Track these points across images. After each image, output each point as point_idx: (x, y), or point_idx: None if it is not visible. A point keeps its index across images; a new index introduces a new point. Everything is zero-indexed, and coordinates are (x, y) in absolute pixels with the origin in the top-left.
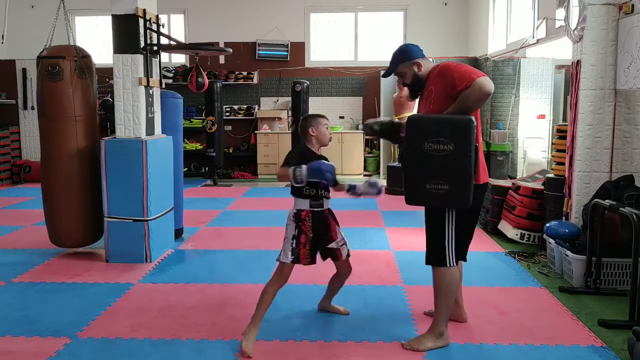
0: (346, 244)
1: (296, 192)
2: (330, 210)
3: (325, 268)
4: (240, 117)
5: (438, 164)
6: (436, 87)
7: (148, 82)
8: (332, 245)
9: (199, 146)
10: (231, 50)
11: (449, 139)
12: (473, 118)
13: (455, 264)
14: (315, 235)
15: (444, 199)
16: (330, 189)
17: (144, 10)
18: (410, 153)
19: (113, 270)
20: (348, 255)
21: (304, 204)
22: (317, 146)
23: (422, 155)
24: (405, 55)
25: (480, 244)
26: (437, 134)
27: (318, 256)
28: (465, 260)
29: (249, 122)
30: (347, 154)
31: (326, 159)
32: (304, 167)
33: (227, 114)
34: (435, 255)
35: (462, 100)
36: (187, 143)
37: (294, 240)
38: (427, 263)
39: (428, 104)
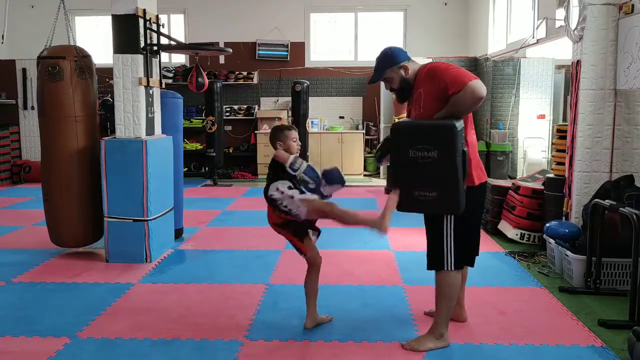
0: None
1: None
2: None
3: (324, 269)
4: (240, 117)
5: (424, 171)
6: (425, 90)
7: (148, 82)
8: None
9: (199, 146)
10: (231, 50)
11: (433, 146)
12: (457, 123)
13: (454, 268)
14: None
15: (433, 206)
16: None
17: (144, 10)
18: (397, 160)
19: (113, 270)
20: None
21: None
22: None
23: (408, 162)
24: (390, 60)
25: (481, 244)
26: (421, 141)
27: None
28: (472, 265)
29: (249, 122)
30: (347, 154)
31: None
32: (305, 162)
33: (227, 114)
34: (434, 259)
35: (454, 105)
36: (187, 143)
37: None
38: (428, 268)
39: (418, 108)
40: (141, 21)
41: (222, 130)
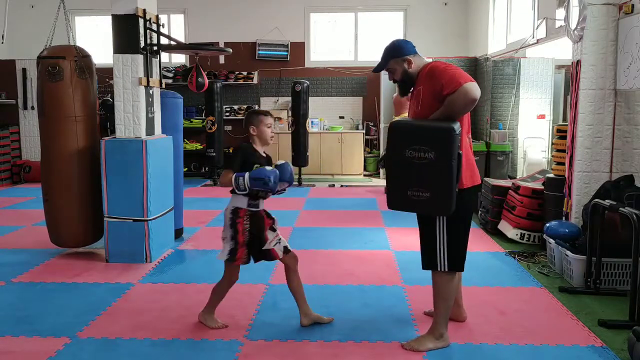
0: (281, 242)
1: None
2: (265, 211)
3: (324, 269)
4: (240, 117)
5: (419, 172)
6: (425, 88)
7: (148, 82)
8: (266, 246)
9: (199, 146)
10: (231, 50)
11: (430, 148)
12: (455, 126)
13: (447, 269)
14: (250, 238)
15: (425, 206)
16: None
17: (144, 10)
18: (392, 159)
19: (113, 270)
20: (287, 250)
21: (242, 202)
22: (260, 145)
23: (403, 162)
24: (396, 52)
25: (481, 244)
26: (418, 142)
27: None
28: (462, 270)
29: None
30: (347, 154)
31: (270, 160)
32: (246, 175)
33: (227, 114)
34: (427, 260)
35: (448, 106)
36: (187, 143)
37: (233, 241)
38: (423, 268)
39: (416, 105)
40: (141, 21)
41: (222, 130)
